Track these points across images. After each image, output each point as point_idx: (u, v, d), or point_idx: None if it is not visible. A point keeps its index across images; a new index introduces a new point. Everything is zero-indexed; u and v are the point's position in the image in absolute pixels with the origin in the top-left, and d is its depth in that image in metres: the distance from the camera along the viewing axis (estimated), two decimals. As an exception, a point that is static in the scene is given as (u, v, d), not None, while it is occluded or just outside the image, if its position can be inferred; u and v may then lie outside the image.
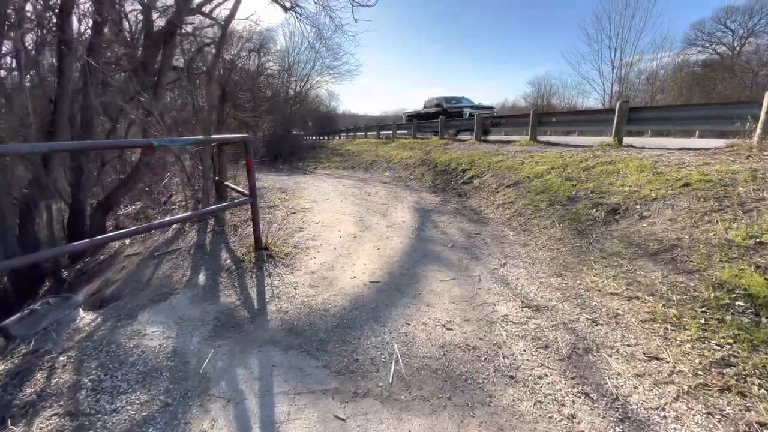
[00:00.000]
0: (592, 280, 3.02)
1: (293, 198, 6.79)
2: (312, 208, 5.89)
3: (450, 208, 5.61)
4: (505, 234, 4.29)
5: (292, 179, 10.22)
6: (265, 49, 24.46)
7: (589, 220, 4.02)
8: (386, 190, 7.39)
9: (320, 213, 5.56)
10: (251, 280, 3.25)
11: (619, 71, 29.33)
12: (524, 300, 2.82)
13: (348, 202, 6.33)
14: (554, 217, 4.31)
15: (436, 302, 2.81)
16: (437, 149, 9.99)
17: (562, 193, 4.73)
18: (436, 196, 6.53)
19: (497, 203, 5.29)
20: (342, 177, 10.23)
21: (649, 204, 3.91)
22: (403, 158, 10.35)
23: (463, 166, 7.45)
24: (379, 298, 2.87)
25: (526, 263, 3.49)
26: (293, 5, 12.31)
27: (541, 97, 38.70)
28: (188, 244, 4.43)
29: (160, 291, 3.34)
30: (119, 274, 4.44)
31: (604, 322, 2.46)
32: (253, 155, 3.40)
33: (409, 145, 12.31)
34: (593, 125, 7.47)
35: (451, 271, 3.38)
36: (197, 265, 3.76)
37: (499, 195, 5.56)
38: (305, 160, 16.00)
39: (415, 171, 8.85)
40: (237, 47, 23.06)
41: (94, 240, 2.74)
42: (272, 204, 6.16)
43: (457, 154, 8.49)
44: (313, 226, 4.87)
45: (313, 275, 3.31)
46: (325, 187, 8.16)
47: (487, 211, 5.21)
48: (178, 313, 2.79)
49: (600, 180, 4.75)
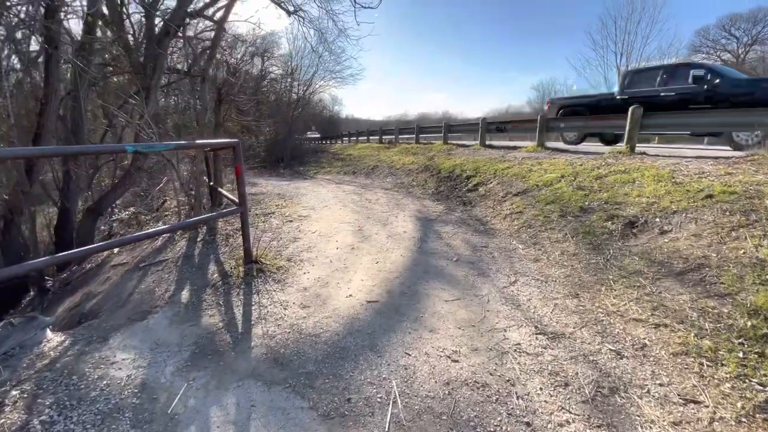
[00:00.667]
0: (613, 302, 2.73)
1: (291, 205, 6.54)
2: (309, 216, 5.63)
3: (454, 218, 5.33)
4: (514, 247, 4.01)
5: (292, 184, 9.98)
6: (269, 53, 24.46)
7: (605, 234, 3.73)
8: (387, 197, 7.13)
9: (318, 221, 5.29)
10: (238, 297, 2.98)
11: (625, 77, 28.97)
12: (538, 325, 2.53)
13: (347, 210, 6.06)
14: (567, 229, 4.02)
15: (439, 327, 2.53)
16: (440, 155, 9.74)
17: (574, 204, 4.45)
18: (439, 204, 6.26)
19: (504, 213, 5.01)
20: (343, 182, 9.98)
21: (670, 217, 3.62)
22: (406, 164, 10.09)
23: (468, 172, 7.18)
24: (376, 322, 2.59)
25: (539, 281, 3.20)
26: (296, 9, 12.14)
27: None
28: (176, 254, 4.18)
29: (140, 308, 3.08)
30: (102, 286, 4.19)
31: (630, 355, 2.17)
32: (242, 161, 3.15)
33: (412, 150, 12.06)
34: (603, 131, 7.18)
35: (456, 289, 3.10)
36: (182, 278, 3.49)
37: (506, 204, 5.28)
38: (307, 165, 15.79)
39: (418, 177, 8.59)
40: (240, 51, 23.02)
41: (75, 252, 2.50)
42: (269, 211, 5.90)
43: (461, 159, 8.22)
44: (309, 235, 4.60)
45: (306, 293, 3.04)
46: (324, 194, 7.91)
47: (493, 222, 4.93)
48: (154, 337, 2.52)
49: (614, 190, 4.46)
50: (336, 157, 16.09)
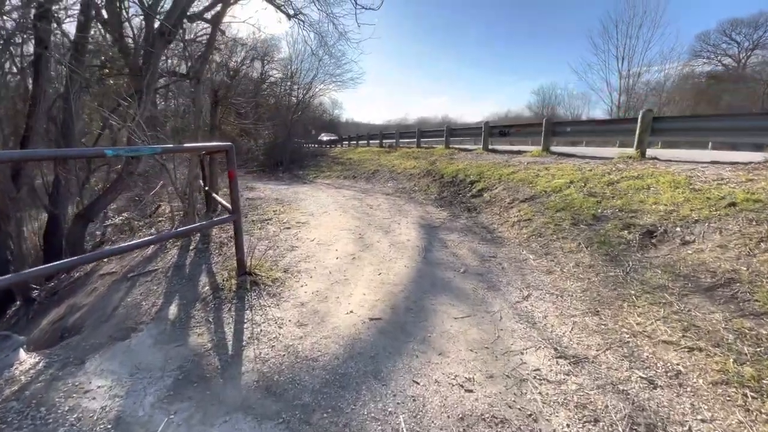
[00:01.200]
0: (637, 321, 2.51)
1: (289, 210, 6.32)
2: (308, 223, 5.41)
3: (459, 225, 5.11)
4: (524, 258, 3.79)
5: (291, 189, 9.76)
6: (269, 57, 24.32)
7: (622, 244, 3.51)
8: (389, 203, 6.91)
9: (317, 228, 5.07)
10: (229, 313, 2.75)
11: (627, 81, 28.88)
12: (557, 347, 2.30)
13: (347, 216, 5.84)
14: (580, 238, 3.80)
15: (450, 349, 2.30)
16: (443, 159, 9.54)
17: (586, 211, 4.23)
18: (443, 211, 6.04)
19: (512, 220, 4.79)
20: (342, 187, 9.77)
21: (692, 226, 3.40)
22: (407, 168, 9.89)
23: (472, 177, 6.97)
24: (380, 343, 2.36)
25: (554, 296, 2.98)
26: (297, 12, 12.00)
27: (546, 107, 38.41)
28: (167, 264, 3.95)
29: (124, 324, 2.85)
30: (88, 297, 3.96)
31: (664, 384, 1.95)
32: (236, 165, 2.93)
33: (413, 154, 11.87)
34: (612, 135, 6.99)
35: (465, 305, 2.88)
36: (171, 291, 3.27)
37: (513, 211, 5.06)
38: (306, 169, 15.58)
39: (420, 182, 8.38)
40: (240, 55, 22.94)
41: (57, 265, 2.28)
42: (266, 217, 5.68)
43: (464, 164, 8.02)
44: (307, 244, 4.38)
45: (303, 308, 2.81)
46: (324, 199, 7.69)
47: (501, 230, 4.71)
48: (136, 360, 2.29)
49: (628, 197, 4.25)
50: (336, 161, 15.89)
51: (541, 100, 39.84)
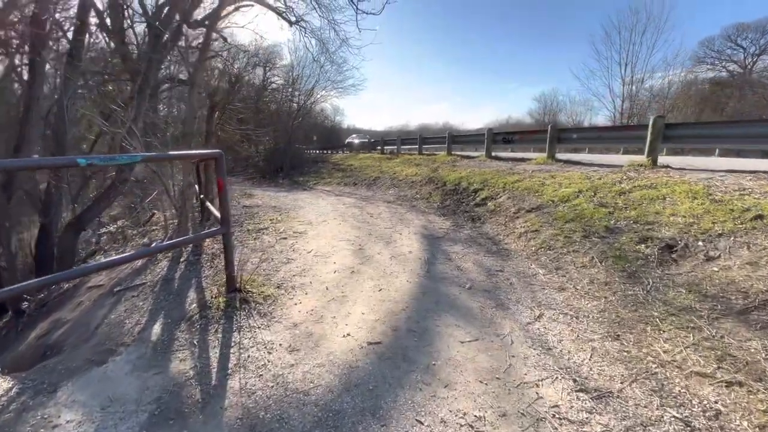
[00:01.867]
0: (664, 348, 2.27)
1: (287, 219, 6.11)
2: (306, 233, 5.20)
3: (463, 236, 4.89)
4: (533, 272, 3.56)
5: (290, 196, 9.58)
6: (271, 63, 24.30)
7: (640, 259, 3.28)
8: (390, 211, 6.70)
9: (315, 239, 4.86)
10: (215, 336, 2.53)
11: (630, 88, 28.64)
12: (577, 378, 2.07)
13: (347, 225, 5.63)
14: (593, 252, 3.57)
15: (457, 380, 2.07)
16: (445, 166, 9.34)
17: (597, 223, 4.01)
18: (446, 220, 5.82)
19: (519, 231, 4.57)
20: (343, 194, 9.57)
21: (715, 240, 3.17)
22: (409, 175, 9.69)
23: (475, 185, 6.76)
24: (379, 372, 2.13)
25: (568, 316, 2.74)
26: (298, 19, 11.93)
27: (547, 114, 38.23)
28: (155, 277, 3.74)
29: (103, 346, 2.63)
30: (73, 312, 3.75)
31: (703, 427, 1.71)
32: (225, 173, 2.73)
33: (415, 161, 11.68)
34: (620, 143, 6.78)
35: (472, 326, 2.65)
36: (157, 308, 3.05)
37: (519, 221, 4.84)
38: (306, 175, 15.42)
39: (422, 190, 8.17)
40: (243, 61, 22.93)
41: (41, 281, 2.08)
42: (262, 227, 5.48)
43: (467, 171, 7.82)
44: (304, 256, 4.16)
45: (296, 330, 2.59)
46: (323, 206, 7.49)
47: (507, 241, 4.49)
48: (110, 389, 2.07)
49: (643, 208, 4.03)
50: (337, 167, 15.73)
51: (542, 106, 39.66)
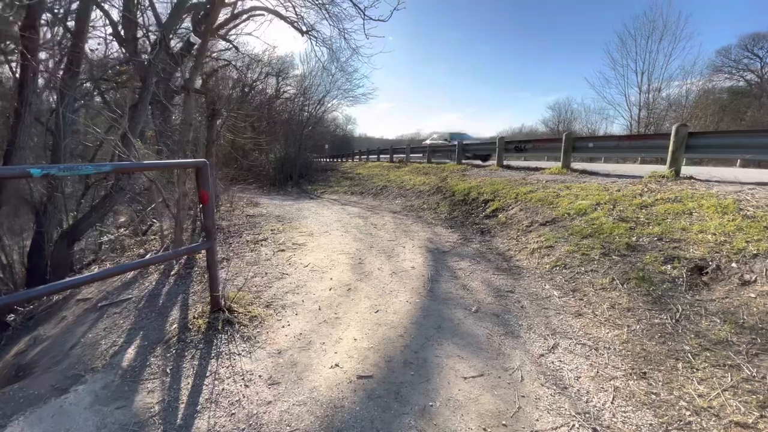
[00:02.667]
0: (699, 390, 1.94)
1: (288, 229, 5.91)
2: (305, 244, 4.97)
3: (471, 250, 4.59)
4: (547, 294, 3.24)
5: (296, 205, 9.41)
6: (284, 73, 24.55)
7: (666, 282, 2.94)
8: (395, 222, 6.44)
9: (313, 251, 4.63)
10: (191, 363, 2.30)
11: (646, 96, 27.93)
12: (598, 428, 1.76)
13: (349, 237, 5.39)
14: (613, 273, 3.25)
15: (457, 427, 1.78)
16: (454, 175, 9.06)
17: (618, 239, 3.68)
18: (453, 233, 5.53)
19: (531, 247, 4.25)
20: (348, 203, 9.37)
21: (750, 262, 2.83)
22: (416, 184, 9.44)
23: (485, 196, 6.47)
24: (367, 414, 1.86)
25: (586, 347, 2.43)
26: (309, 29, 11.95)
27: (561, 122, 37.61)
28: (142, 292, 3.55)
29: (72, 371, 2.43)
30: (54, 329, 3.58)
31: (759, 502, 1.39)
32: (209, 185, 2.52)
33: (423, 170, 11.43)
34: (640, 152, 6.42)
35: (477, 357, 2.36)
36: (136, 328, 2.84)
37: (532, 235, 4.53)
38: (314, 183, 15.32)
39: (429, 200, 7.90)
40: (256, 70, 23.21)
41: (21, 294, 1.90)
42: (261, 237, 5.28)
43: (477, 181, 7.52)
44: (300, 270, 3.93)
45: (279, 359, 2.33)
46: (327, 216, 7.28)
47: (518, 257, 4.17)
48: (64, 427, 1.84)
49: (667, 223, 3.69)
50: (345, 175, 15.59)
51: (556, 115, 39.02)
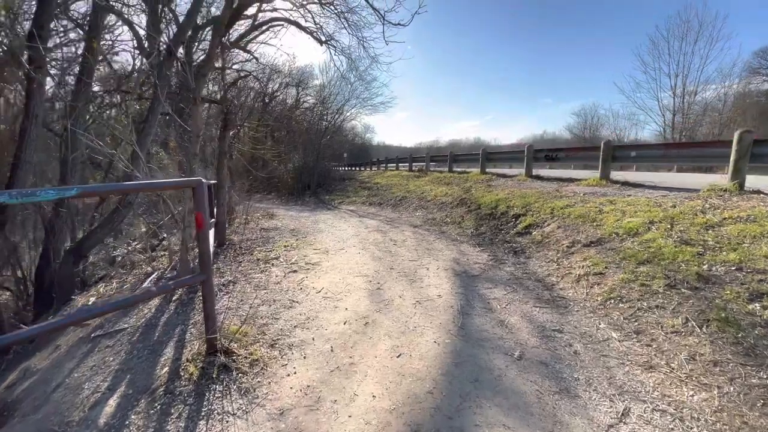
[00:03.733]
0: None
1: (302, 245, 5.55)
2: (320, 264, 4.58)
3: (505, 274, 4.08)
4: (604, 336, 2.70)
5: (312, 217, 9.10)
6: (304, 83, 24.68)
7: (758, 326, 2.36)
8: (416, 238, 5.98)
9: (327, 273, 4.23)
10: (176, 424, 1.90)
11: (681, 100, 26.44)
12: None
13: (366, 255, 4.97)
14: (686, 311, 2.68)
15: None
16: (479, 186, 8.54)
17: (684, 267, 3.10)
18: (482, 252, 5.02)
19: (576, 272, 3.71)
20: (366, 215, 8.97)
21: None
22: (438, 195, 8.96)
23: (516, 210, 5.93)
24: None
25: (667, 417, 1.89)
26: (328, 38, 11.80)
27: (587, 128, 36.25)
28: (139, 321, 3.23)
29: (46, 423, 2.09)
30: (45, 360, 3.30)
31: None
32: (205, 208, 2.16)
33: (445, 179, 10.94)
34: (694, 162, 5.74)
35: (528, 427, 1.86)
36: (124, 369, 2.49)
37: (575, 258, 3.98)
38: (332, 193, 15.05)
39: (453, 212, 7.40)
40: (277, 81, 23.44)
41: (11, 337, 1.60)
42: (272, 255, 4.93)
43: (505, 193, 6.98)
44: (311, 297, 3.53)
45: (281, 424, 1.91)
46: (344, 230, 6.90)
47: (562, 285, 3.63)
48: None
49: (745, 249, 3.08)
50: (363, 185, 15.26)
51: (582, 121, 37.65)
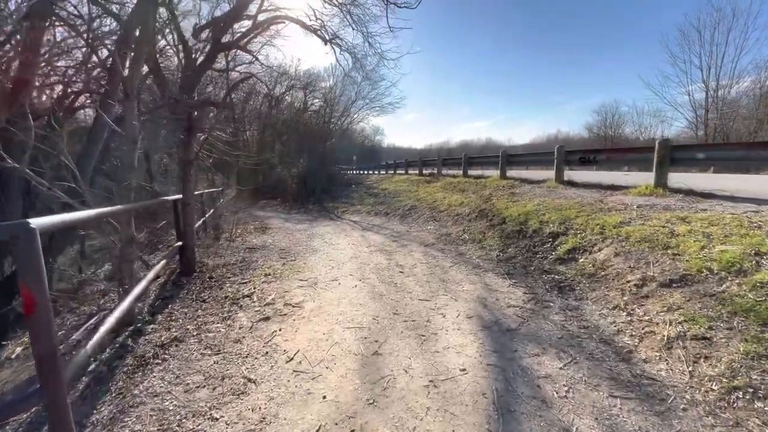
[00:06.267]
0: None
1: (287, 273, 4.50)
2: (302, 306, 3.51)
3: (553, 329, 2.93)
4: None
5: (310, 230, 8.07)
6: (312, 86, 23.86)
7: None
8: (428, 263, 4.87)
9: (309, 323, 3.15)
10: None
11: (714, 95, 24.64)
12: None
13: (365, 291, 3.89)
14: None
15: None
16: (500, 194, 7.36)
17: None
18: (514, 286, 3.88)
19: (662, 331, 2.54)
20: (371, 228, 7.90)
21: None
22: (453, 205, 7.83)
23: (552, 226, 4.76)
24: None
25: None
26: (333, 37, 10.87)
27: (609, 127, 34.47)
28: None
29: None
30: None
31: None
32: (35, 282, 1.11)
33: (459, 185, 9.79)
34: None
35: None
36: None
37: (654, 305, 2.81)
38: (337, 200, 14.04)
39: (471, 227, 6.26)
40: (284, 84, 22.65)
41: None
42: (246, 292, 3.89)
43: (534, 204, 5.81)
44: (277, 373, 2.45)
45: None
46: (342, 249, 5.83)
47: (644, 353, 2.46)
48: None
49: None
50: (369, 191, 14.21)
51: (602, 119, 35.86)
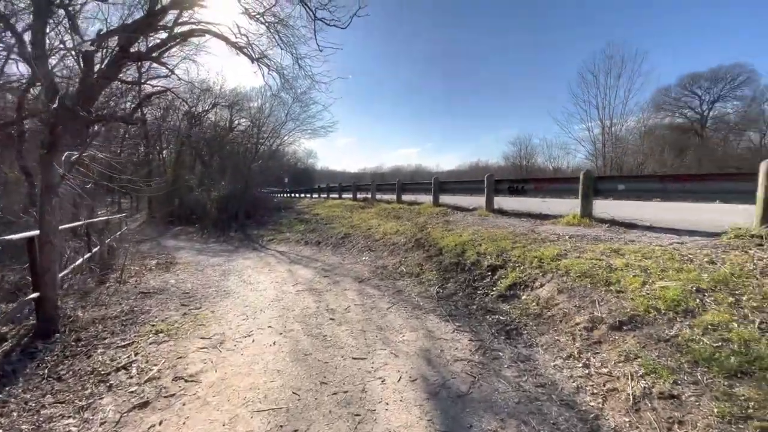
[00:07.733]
0: None
1: (186, 328, 3.57)
2: (198, 381, 2.66)
3: (508, 390, 2.52)
4: None
5: (227, 264, 7.00)
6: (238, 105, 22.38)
7: None
8: (363, 306, 4.29)
9: (205, 407, 2.33)
10: None
11: (609, 131, 29.35)
12: None
13: (285, 351, 3.15)
14: None
15: None
16: (435, 221, 7.15)
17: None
18: (459, 331, 3.46)
19: (625, 388, 2.26)
20: (299, 261, 7.10)
21: None
22: (388, 233, 7.41)
23: (490, 258, 4.53)
24: None
25: None
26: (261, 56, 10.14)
27: (524, 157, 38.11)
28: None
29: None
30: None
31: None
32: None
33: (394, 212, 9.49)
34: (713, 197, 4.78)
35: None
36: None
37: (609, 353, 2.56)
38: (263, 227, 12.86)
39: (408, 258, 5.86)
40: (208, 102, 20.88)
41: None
42: (123, 361, 2.90)
43: (469, 233, 5.62)
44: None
45: None
46: (262, 290, 4.99)
47: (612, 418, 2.13)
48: None
49: None
50: (300, 216, 13.32)
51: (518, 150, 39.58)
